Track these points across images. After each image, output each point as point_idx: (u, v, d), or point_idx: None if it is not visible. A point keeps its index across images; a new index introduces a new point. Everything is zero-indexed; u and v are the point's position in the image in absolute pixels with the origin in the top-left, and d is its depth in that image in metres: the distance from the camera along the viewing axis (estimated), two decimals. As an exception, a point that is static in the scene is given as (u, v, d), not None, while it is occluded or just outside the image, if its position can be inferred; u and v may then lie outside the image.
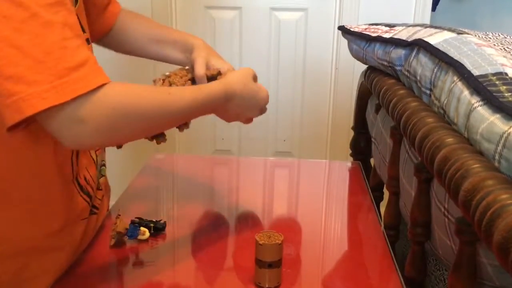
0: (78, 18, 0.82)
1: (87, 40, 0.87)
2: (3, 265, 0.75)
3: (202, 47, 0.97)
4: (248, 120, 0.95)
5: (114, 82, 0.67)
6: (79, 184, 0.84)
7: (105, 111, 0.66)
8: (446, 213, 0.74)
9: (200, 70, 0.92)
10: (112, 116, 0.67)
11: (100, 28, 0.99)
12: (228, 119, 0.92)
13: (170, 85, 0.91)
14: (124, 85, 0.70)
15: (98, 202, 0.93)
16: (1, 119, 0.64)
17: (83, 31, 0.85)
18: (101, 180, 0.95)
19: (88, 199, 0.86)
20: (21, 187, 0.74)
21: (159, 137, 0.87)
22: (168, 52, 1.02)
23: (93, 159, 0.89)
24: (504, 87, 0.69)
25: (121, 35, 1.03)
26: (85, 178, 0.85)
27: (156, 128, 0.79)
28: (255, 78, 0.93)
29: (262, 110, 0.94)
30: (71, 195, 0.82)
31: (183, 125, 0.88)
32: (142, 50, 1.04)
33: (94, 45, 0.95)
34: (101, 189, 0.94)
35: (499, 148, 0.61)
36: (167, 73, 0.94)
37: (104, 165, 0.97)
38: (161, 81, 0.93)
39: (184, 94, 0.79)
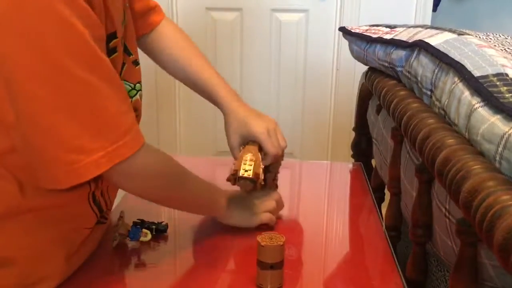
0: (124, 42, 0.85)
1: (135, 61, 0.89)
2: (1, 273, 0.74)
3: (237, 118, 0.95)
4: (267, 216, 0.96)
5: (147, 144, 0.75)
6: (94, 197, 0.82)
7: (141, 169, 0.75)
8: (447, 214, 0.74)
9: (272, 149, 0.93)
10: (144, 174, 0.76)
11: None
12: (241, 221, 0.95)
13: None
14: (155, 150, 0.79)
15: (108, 212, 0.92)
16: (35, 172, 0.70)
17: (131, 53, 0.87)
18: None
19: (97, 212, 0.84)
20: (29, 200, 0.74)
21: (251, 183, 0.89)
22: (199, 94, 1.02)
23: None
24: (505, 87, 0.70)
25: (154, 52, 1.02)
26: (101, 193, 0.84)
27: (170, 195, 0.84)
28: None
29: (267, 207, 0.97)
30: (81, 206, 0.81)
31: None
32: (173, 75, 1.04)
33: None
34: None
35: (500, 149, 0.61)
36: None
37: None
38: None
39: (199, 185, 0.89)
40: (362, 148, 1.46)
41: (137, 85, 0.89)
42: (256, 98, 2.38)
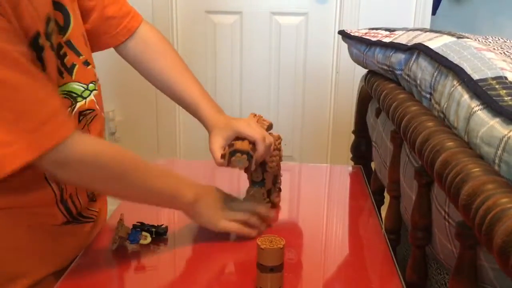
0: (71, 42, 0.85)
1: (86, 62, 0.88)
2: None
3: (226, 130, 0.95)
4: (234, 227, 0.92)
5: (78, 134, 0.72)
6: (62, 200, 0.85)
7: (75, 159, 0.73)
8: (446, 216, 0.75)
9: (256, 134, 0.92)
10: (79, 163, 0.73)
11: (105, 43, 0.98)
12: (205, 222, 0.92)
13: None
14: (96, 140, 0.79)
15: (91, 213, 0.94)
16: None
17: (80, 54, 0.87)
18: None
19: (66, 213, 0.87)
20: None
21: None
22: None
23: None
24: (504, 91, 0.70)
25: (136, 62, 1.01)
26: (70, 196, 0.87)
27: (111, 186, 0.82)
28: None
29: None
30: (49, 208, 0.84)
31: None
32: (156, 87, 1.03)
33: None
34: (95, 200, 0.96)
35: (499, 152, 0.61)
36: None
37: None
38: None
39: (156, 178, 0.85)
40: (361, 151, 1.46)
41: (90, 85, 0.89)
42: (255, 101, 2.39)
